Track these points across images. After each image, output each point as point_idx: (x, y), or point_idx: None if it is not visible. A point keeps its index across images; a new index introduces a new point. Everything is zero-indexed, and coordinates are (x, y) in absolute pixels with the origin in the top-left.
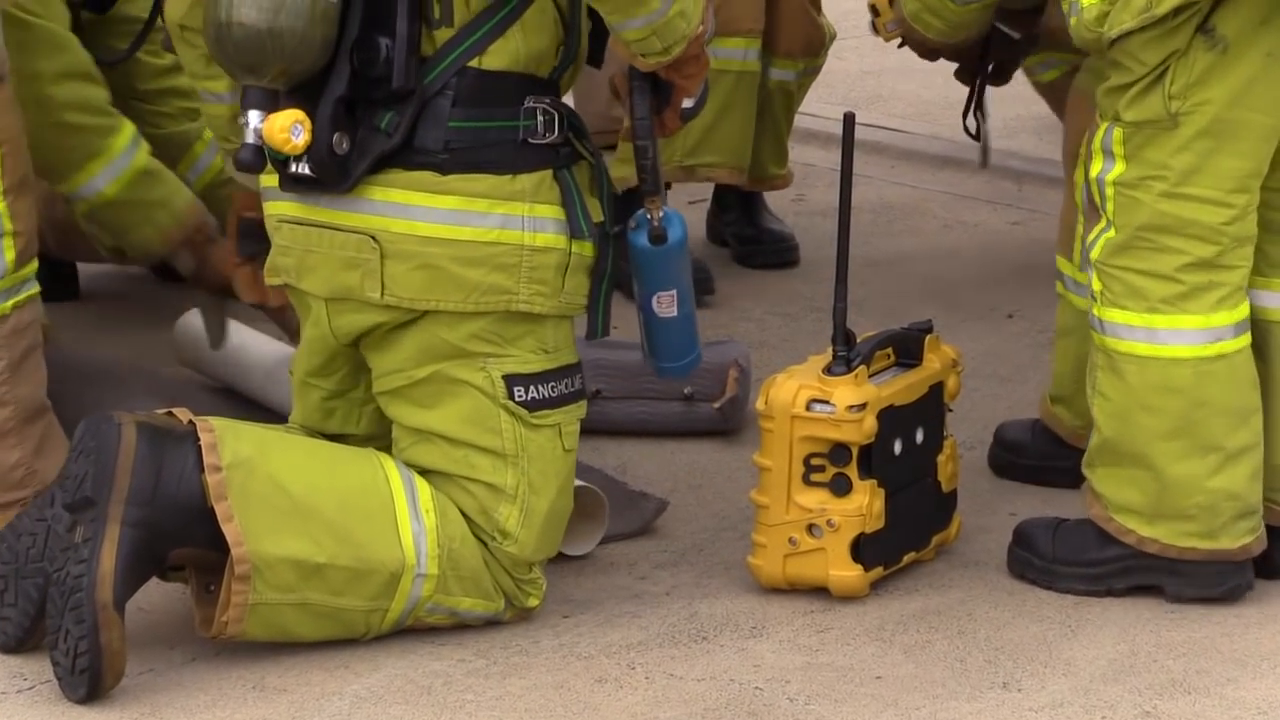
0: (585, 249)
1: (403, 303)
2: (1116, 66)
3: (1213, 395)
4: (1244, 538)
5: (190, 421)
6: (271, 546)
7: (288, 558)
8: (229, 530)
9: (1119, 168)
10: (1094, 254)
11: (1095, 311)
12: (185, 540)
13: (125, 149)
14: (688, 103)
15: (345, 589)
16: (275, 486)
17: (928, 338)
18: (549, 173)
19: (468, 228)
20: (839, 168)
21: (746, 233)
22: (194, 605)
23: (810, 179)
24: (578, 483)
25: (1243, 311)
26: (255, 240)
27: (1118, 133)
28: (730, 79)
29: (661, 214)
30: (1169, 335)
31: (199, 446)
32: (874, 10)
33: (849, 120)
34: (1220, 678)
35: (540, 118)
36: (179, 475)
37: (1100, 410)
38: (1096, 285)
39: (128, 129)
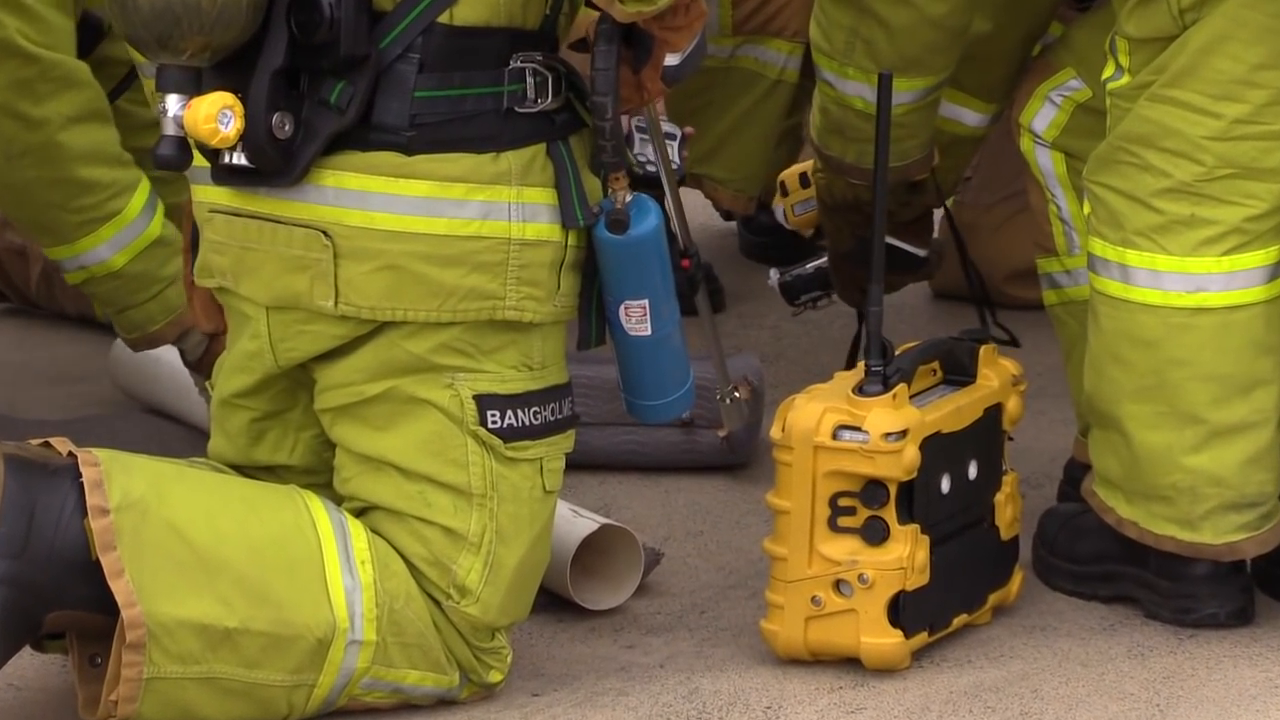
0: (581, 239)
1: (361, 312)
2: None
3: (1190, 355)
4: (1233, 534)
5: (70, 453)
6: (171, 607)
7: (191, 621)
8: (118, 588)
9: (1124, 79)
10: (1086, 169)
11: (1087, 244)
12: (65, 601)
13: (141, 211)
14: (672, 59)
15: (262, 659)
16: (174, 533)
17: (983, 349)
18: (541, 148)
19: (441, 219)
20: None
21: (761, 220)
22: (76, 681)
23: None
24: (604, 520)
25: (1246, 262)
26: None
27: (1121, 43)
28: (763, 86)
29: (628, 197)
30: (1142, 276)
31: (81, 484)
32: (782, 189)
33: (885, 82)
34: None
35: (530, 80)
36: (56, 520)
37: (1087, 359)
38: (1087, 208)
39: (144, 186)
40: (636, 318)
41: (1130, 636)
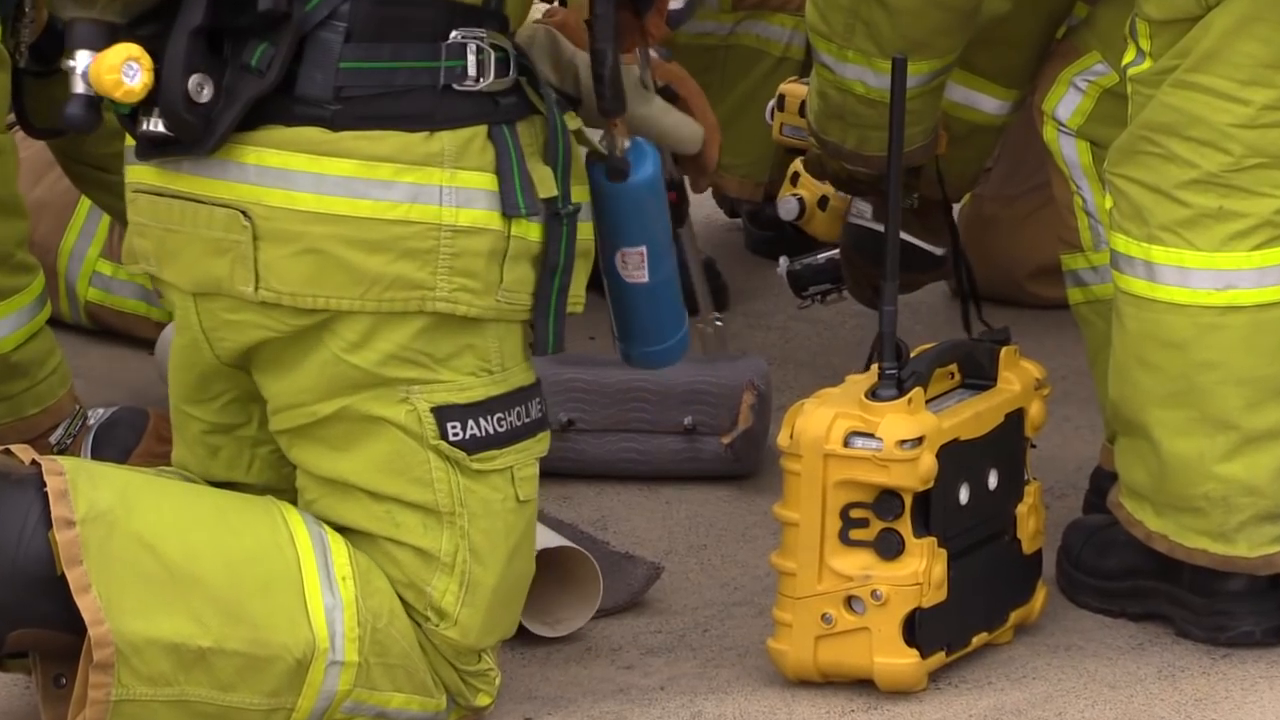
0: (529, 232)
1: (282, 299)
2: None
3: (1220, 357)
4: (1269, 547)
5: (34, 462)
6: (141, 626)
7: (162, 640)
8: (85, 604)
9: (1146, 64)
10: (1106, 160)
11: (1109, 240)
12: (27, 618)
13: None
14: (676, 2)
15: (237, 681)
16: (145, 547)
17: (1004, 350)
18: (482, 129)
19: (366, 201)
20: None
21: (767, 212)
22: (40, 703)
23: None
24: (560, 542)
25: (1279, 257)
26: None
27: (1141, 25)
28: (767, 64)
29: (627, 143)
30: (1169, 273)
31: (45, 494)
32: (780, 101)
33: (899, 66)
34: None
35: (472, 57)
36: (19, 532)
37: (1111, 362)
38: (1109, 202)
39: (14, 302)
40: (634, 265)
41: (1160, 656)
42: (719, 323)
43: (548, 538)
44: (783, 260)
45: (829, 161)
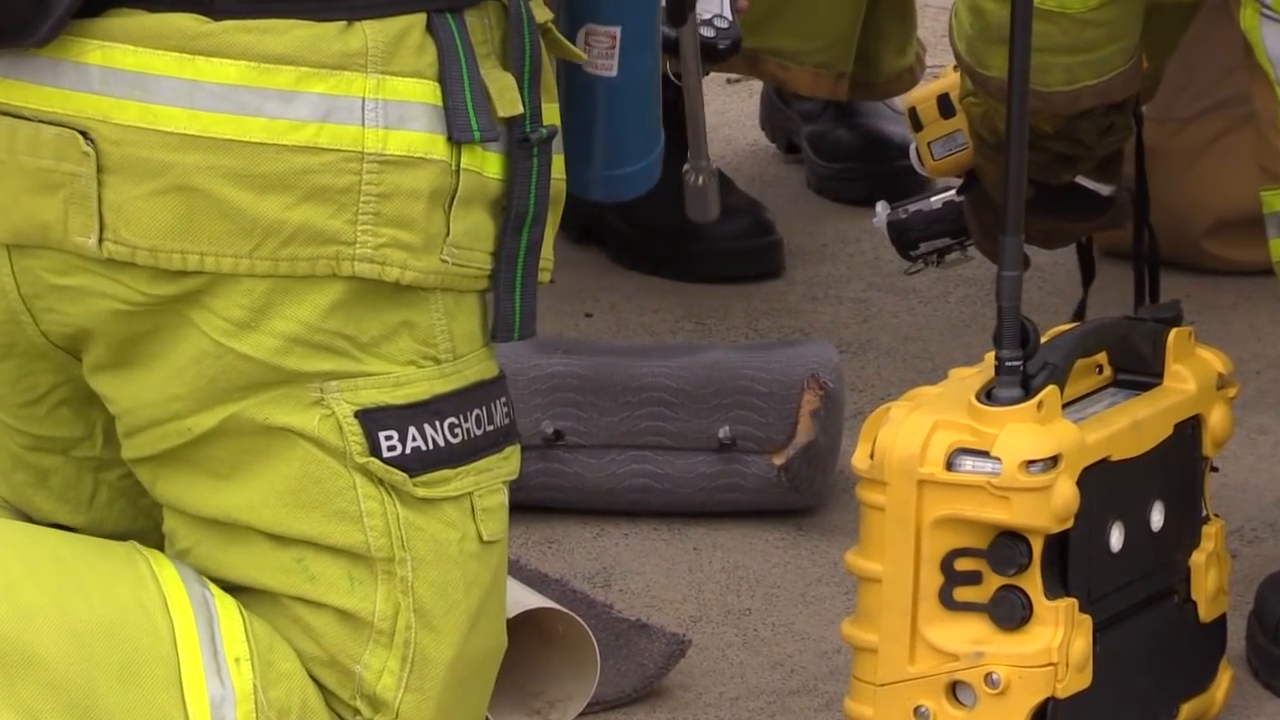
0: (486, 165)
1: (138, 255)
2: None
3: None
4: None
5: None
6: None
7: None
8: None
9: None
10: None
11: None
12: None
13: None
14: None
15: None
16: None
17: (1173, 334)
18: (419, 20)
19: (258, 119)
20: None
21: (837, 135)
22: None
23: (943, 49)
24: (541, 603)
25: None
26: None
27: None
28: None
29: None
30: None
31: None
32: (914, 120)
33: None
34: None
35: None
36: None
37: None
38: None
39: None
40: (601, 50)
41: None
42: (713, 170)
43: (523, 596)
44: (881, 207)
45: (996, 111)
